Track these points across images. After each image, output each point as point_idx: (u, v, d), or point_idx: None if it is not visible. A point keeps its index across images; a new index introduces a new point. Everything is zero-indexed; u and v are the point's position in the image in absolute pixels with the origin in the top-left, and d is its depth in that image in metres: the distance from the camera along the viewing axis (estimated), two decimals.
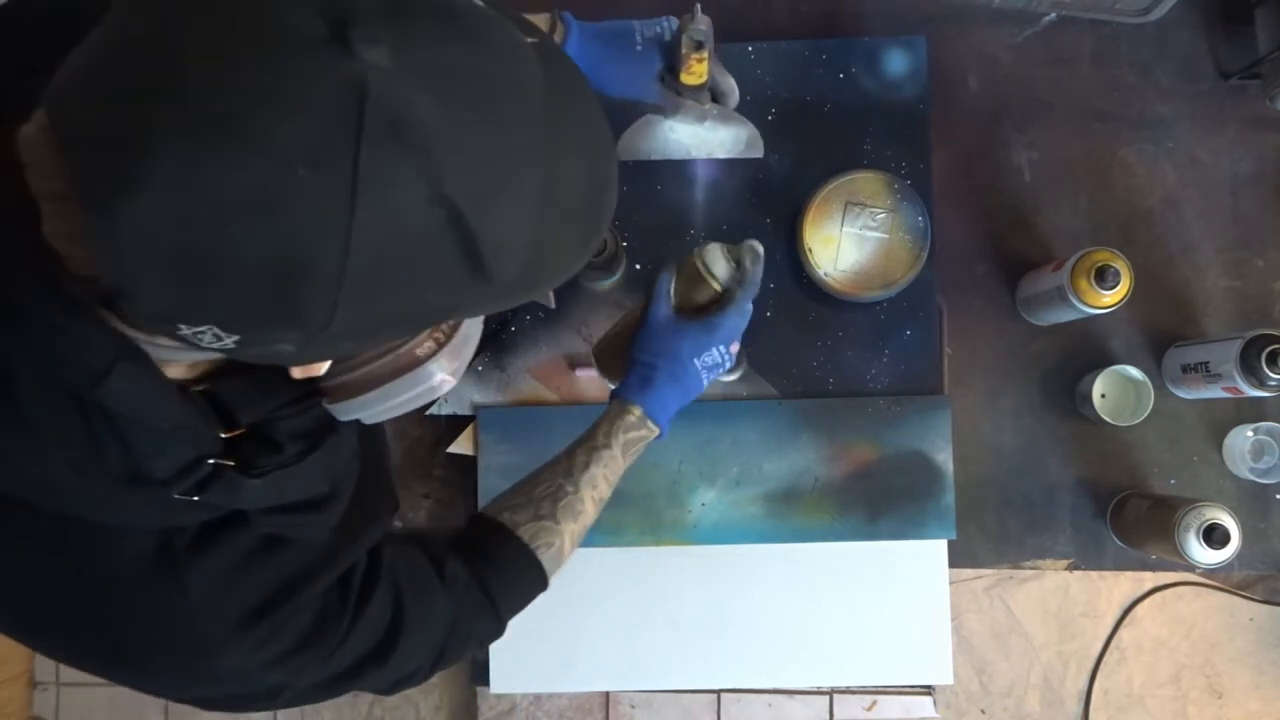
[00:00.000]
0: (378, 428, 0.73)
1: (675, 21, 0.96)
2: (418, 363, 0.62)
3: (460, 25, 0.46)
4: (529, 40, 0.49)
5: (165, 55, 0.42)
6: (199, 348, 0.47)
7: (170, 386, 0.54)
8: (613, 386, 0.93)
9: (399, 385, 0.62)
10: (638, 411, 0.88)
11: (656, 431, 0.89)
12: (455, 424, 1.20)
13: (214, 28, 0.42)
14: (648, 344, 0.89)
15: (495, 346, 1.19)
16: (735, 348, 0.92)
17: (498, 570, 0.81)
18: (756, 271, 0.90)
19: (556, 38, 0.93)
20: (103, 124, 0.42)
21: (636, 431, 0.88)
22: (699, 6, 0.93)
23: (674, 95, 0.99)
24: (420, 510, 1.22)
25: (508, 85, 0.47)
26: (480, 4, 0.48)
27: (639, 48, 0.95)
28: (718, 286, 0.91)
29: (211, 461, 0.56)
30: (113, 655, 0.62)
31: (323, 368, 0.58)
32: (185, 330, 0.46)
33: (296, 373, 0.55)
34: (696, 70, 0.96)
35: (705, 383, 0.91)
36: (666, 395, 0.89)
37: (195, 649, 0.60)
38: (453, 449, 1.19)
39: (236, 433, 0.58)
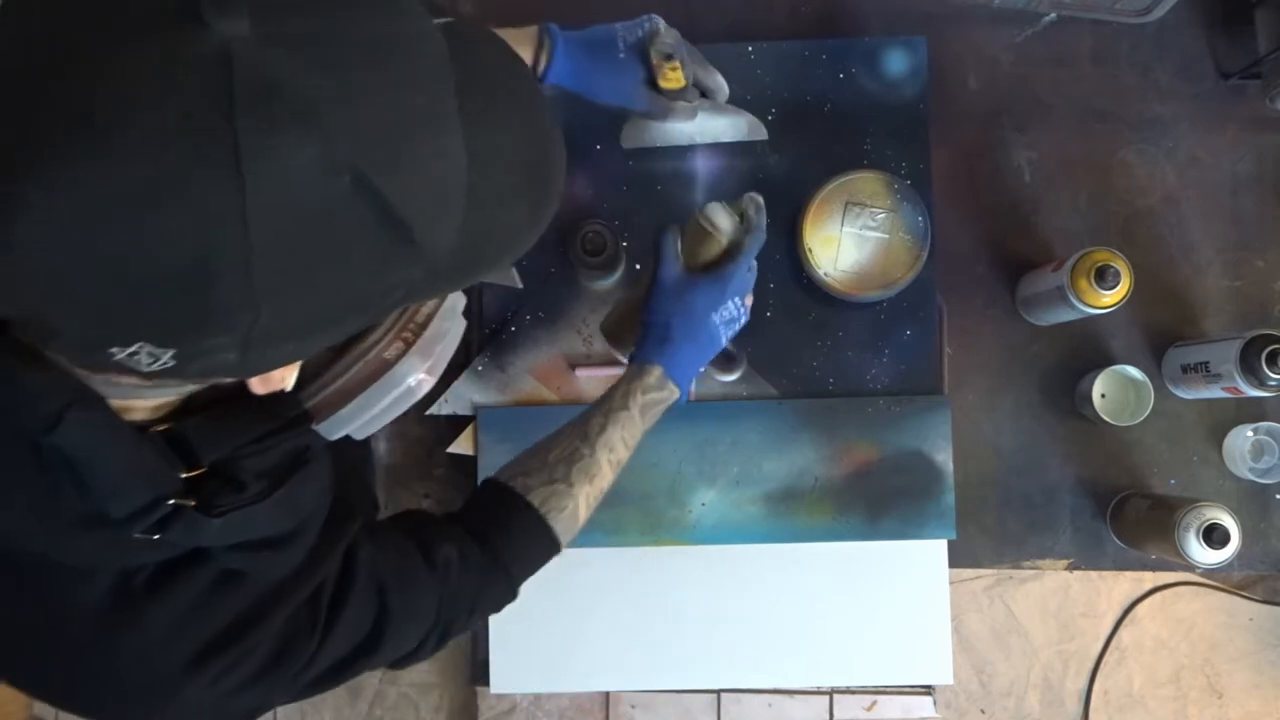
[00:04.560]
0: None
1: (656, 20, 0.97)
2: (387, 366, 0.61)
3: None
4: (432, 17, 0.47)
5: (16, 65, 0.40)
6: (142, 373, 0.45)
7: (125, 429, 0.52)
8: (625, 359, 0.92)
9: (374, 393, 0.61)
10: (657, 372, 0.86)
11: (676, 393, 0.88)
12: (455, 424, 1.20)
13: (60, 26, 0.39)
14: (661, 305, 0.88)
15: (495, 346, 1.19)
16: (750, 300, 0.91)
17: (509, 537, 0.80)
18: (761, 220, 0.90)
19: (544, 51, 0.93)
20: None
21: (656, 393, 0.87)
22: (662, 23, 0.95)
23: (661, 100, 1.00)
24: None
25: (393, 46, 0.44)
26: None
27: (621, 55, 0.96)
28: (724, 240, 0.90)
29: (171, 502, 0.54)
30: (73, 695, 0.61)
31: (286, 381, 0.56)
32: (120, 354, 0.44)
33: (256, 386, 0.54)
34: (672, 78, 0.98)
35: (724, 340, 0.89)
36: (685, 353, 0.87)
37: (153, 689, 0.59)
38: (453, 449, 1.19)
39: (198, 472, 0.56)
